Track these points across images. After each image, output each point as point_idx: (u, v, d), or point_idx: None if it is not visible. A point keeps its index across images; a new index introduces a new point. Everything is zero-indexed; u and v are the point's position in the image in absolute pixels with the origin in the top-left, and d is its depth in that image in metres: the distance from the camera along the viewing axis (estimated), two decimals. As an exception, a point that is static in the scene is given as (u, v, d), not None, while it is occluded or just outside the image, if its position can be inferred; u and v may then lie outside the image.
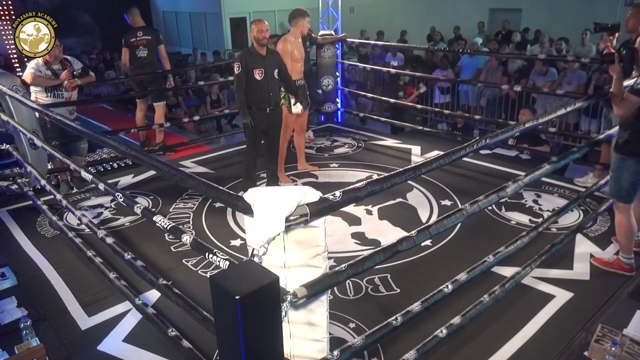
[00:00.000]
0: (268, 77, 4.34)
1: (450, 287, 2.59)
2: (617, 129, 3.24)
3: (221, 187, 1.91)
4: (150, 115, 6.46)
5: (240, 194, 1.81)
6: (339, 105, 7.05)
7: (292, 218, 1.72)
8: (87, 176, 2.94)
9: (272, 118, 4.50)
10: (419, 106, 7.40)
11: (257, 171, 4.80)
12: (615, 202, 3.25)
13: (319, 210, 1.80)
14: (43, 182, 4.05)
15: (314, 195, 1.80)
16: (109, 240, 3.16)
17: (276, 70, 4.41)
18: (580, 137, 6.16)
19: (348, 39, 6.98)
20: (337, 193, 1.88)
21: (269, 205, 1.69)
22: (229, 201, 1.84)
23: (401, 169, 2.21)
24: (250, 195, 1.73)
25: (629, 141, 3.05)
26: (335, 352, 2.07)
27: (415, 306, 2.43)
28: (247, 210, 1.73)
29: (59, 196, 3.80)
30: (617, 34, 4.06)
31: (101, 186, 2.81)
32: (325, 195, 1.85)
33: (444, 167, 2.50)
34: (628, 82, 3.22)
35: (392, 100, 7.08)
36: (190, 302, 2.51)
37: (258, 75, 4.29)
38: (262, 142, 4.66)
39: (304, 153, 5.41)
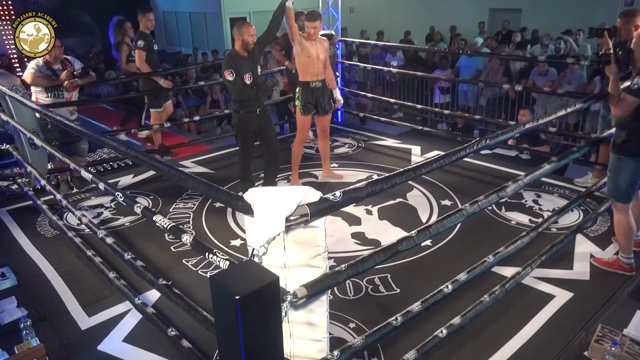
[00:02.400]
0: (254, 79, 4.29)
1: (450, 287, 2.59)
2: (614, 129, 3.25)
3: (221, 187, 1.91)
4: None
5: (239, 194, 1.81)
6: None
7: (292, 218, 1.72)
8: (87, 175, 2.94)
9: (262, 119, 4.44)
10: (419, 106, 7.40)
11: (253, 172, 4.78)
12: (613, 202, 3.26)
13: (319, 210, 1.80)
14: (43, 182, 4.05)
15: (314, 195, 1.80)
16: (109, 240, 3.17)
17: (258, 68, 4.35)
18: (580, 137, 6.16)
19: (350, 39, 6.98)
20: (337, 193, 1.88)
21: (269, 205, 1.69)
22: (229, 201, 1.84)
23: (401, 169, 2.21)
24: (251, 195, 1.73)
25: (627, 141, 3.06)
26: (336, 352, 2.06)
27: (415, 306, 2.43)
28: (247, 210, 1.73)
29: (58, 196, 3.80)
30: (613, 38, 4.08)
31: (101, 185, 2.81)
32: (326, 196, 1.85)
33: (444, 167, 2.50)
34: (626, 83, 3.22)
35: (392, 100, 7.08)
36: (190, 302, 2.52)
37: (247, 79, 4.24)
38: (256, 143, 4.59)
39: (328, 159, 5.15)
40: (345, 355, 2.09)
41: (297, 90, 4.74)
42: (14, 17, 9.53)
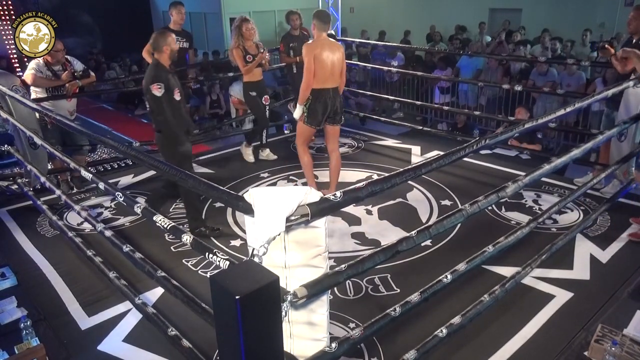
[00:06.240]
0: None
1: (449, 277, 2.59)
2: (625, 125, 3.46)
3: (222, 187, 1.91)
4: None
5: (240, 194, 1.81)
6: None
7: (293, 218, 1.72)
8: (87, 175, 2.93)
9: None
10: (418, 102, 7.41)
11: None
12: None
13: (319, 210, 1.79)
14: (43, 179, 4.04)
15: (314, 195, 1.80)
16: (108, 233, 3.16)
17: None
18: (581, 132, 6.16)
19: (350, 39, 6.97)
20: (338, 193, 1.88)
21: (270, 205, 1.69)
22: (230, 201, 1.84)
23: (401, 169, 2.20)
24: (252, 195, 1.73)
25: None
26: (333, 344, 2.04)
27: (414, 296, 2.43)
28: (248, 210, 1.73)
29: (58, 191, 3.79)
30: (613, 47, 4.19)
31: (101, 185, 2.81)
32: (326, 196, 1.85)
33: (444, 167, 2.49)
34: (627, 83, 3.24)
35: (392, 98, 7.07)
36: (189, 293, 2.51)
37: (177, 95, 3.69)
38: None
39: (310, 177, 4.59)
40: (343, 347, 2.08)
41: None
42: (14, 17, 9.54)
